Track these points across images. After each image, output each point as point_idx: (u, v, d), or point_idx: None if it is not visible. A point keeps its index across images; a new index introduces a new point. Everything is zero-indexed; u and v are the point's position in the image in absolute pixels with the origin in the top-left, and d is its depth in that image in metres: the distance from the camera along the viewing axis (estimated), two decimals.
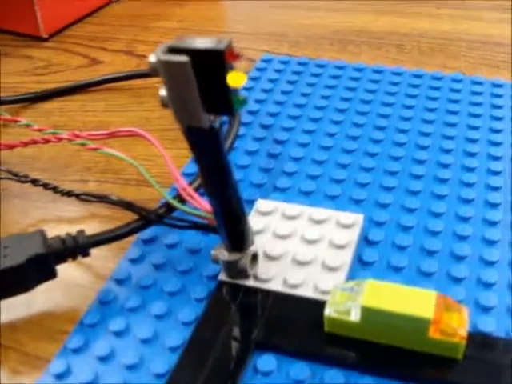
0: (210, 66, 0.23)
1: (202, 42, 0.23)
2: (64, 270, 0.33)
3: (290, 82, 0.50)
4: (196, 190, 0.35)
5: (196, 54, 0.23)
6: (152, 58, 0.24)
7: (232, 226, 0.30)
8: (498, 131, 0.43)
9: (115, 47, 0.61)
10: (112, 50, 0.61)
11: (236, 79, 0.23)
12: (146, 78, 0.53)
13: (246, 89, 0.50)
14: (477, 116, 0.45)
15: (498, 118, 0.45)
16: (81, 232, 0.33)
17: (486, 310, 0.31)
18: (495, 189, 0.38)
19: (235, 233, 0.30)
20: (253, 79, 0.51)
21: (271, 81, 0.51)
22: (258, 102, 0.48)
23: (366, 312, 0.28)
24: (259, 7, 0.69)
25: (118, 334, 0.31)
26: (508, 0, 0.65)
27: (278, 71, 0.52)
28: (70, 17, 0.66)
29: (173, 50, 0.23)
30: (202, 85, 0.23)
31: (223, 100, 0.24)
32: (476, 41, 0.58)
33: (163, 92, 0.24)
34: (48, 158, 0.45)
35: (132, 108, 0.51)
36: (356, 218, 0.35)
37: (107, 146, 0.38)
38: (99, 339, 0.31)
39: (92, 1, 0.69)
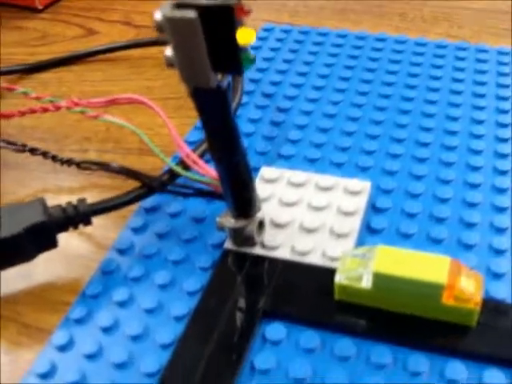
0: (219, 23, 0.22)
1: None
2: (64, 240, 0.33)
3: (292, 51, 0.49)
4: (200, 156, 0.34)
5: (204, 10, 0.22)
6: (157, 15, 0.23)
7: (239, 192, 0.29)
8: (505, 98, 0.42)
9: (112, 18, 0.60)
10: (109, 21, 0.60)
11: (245, 36, 0.23)
12: (145, 47, 0.52)
13: None
14: (483, 84, 0.44)
15: (505, 86, 0.44)
16: (82, 200, 0.32)
17: (497, 276, 0.30)
18: (504, 156, 0.37)
19: (242, 199, 0.29)
20: (254, 48, 0.50)
21: (273, 50, 0.50)
22: (260, 70, 0.47)
23: (378, 278, 0.27)
24: None
25: (122, 304, 0.30)
26: None
27: (279, 40, 0.51)
28: None
29: (180, 6, 0.22)
30: (211, 42, 0.23)
31: (232, 58, 0.23)
32: (480, 9, 0.57)
33: (169, 51, 0.24)
34: (47, 127, 0.44)
35: (131, 77, 0.50)
36: (363, 185, 0.34)
37: (107, 115, 0.37)
38: (102, 310, 0.30)
39: None
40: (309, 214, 0.33)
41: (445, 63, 0.47)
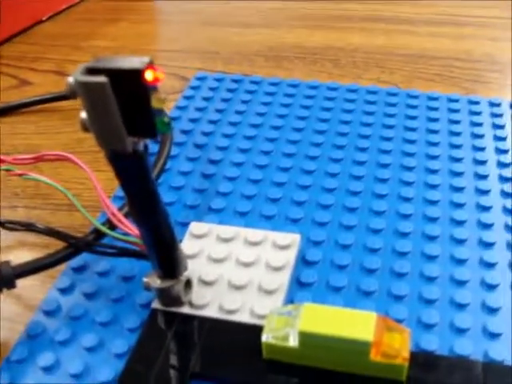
0: (129, 87, 0.22)
1: (122, 62, 0.22)
2: None
3: (225, 100, 0.49)
4: (127, 215, 0.34)
5: (115, 74, 0.22)
6: (70, 80, 0.22)
7: (163, 253, 0.28)
8: (434, 144, 0.43)
9: (45, 67, 0.60)
10: (42, 71, 0.59)
11: (159, 99, 0.22)
12: (76, 98, 0.51)
13: (180, 108, 0.49)
14: (413, 130, 0.45)
15: (434, 131, 0.44)
16: (5, 263, 0.31)
17: (428, 327, 0.30)
18: (433, 202, 0.38)
19: (166, 260, 0.29)
20: (187, 98, 0.50)
21: (205, 99, 0.50)
22: (192, 121, 0.47)
23: (305, 337, 0.27)
24: (192, 25, 0.68)
25: (47, 369, 0.29)
26: (442, 14, 0.66)
27: (212, 89, 0.51)
28: None
29: (91, 71, 0.22)
30: (124, 106, 0.22)
31: (146, 122, 0.23)
32: (411, 55, 0.58)
33: (84, 115, 0.23)
34: None
35: (63, 129, 0.49)
36: (293, 238, 0.34)
37: (36, 171, 0.37)
38: (27, 377, 0.29)
39: (21, 20, 0.67)
40: (237, 271, 0.32)
41: (376, 109, 0.47)
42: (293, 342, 0.27)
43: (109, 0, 0.76)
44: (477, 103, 0.48)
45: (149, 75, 0.22)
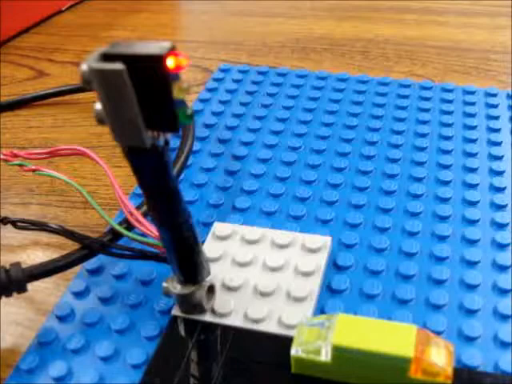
0: (149, 74, 0.20)
1: (140, 47, 0.20)
2: None
3: (249, 93, 0.47)
4: (145, 214, 0.32)
5: (133, 61, 0.19)
6: (84, 67, 0.20)
7: (184, 256, 0.26)
8: (472, 141, 0.40)
9: (63, 58, 0.58)
10: (60, 62, 0.57)
11: (181, 89, 0.20)
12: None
13: (202, 100, 0.47)
14: (449, 125, 0.42)
15: (472, 127, 0.42)
16: (15, 265, 0.29)
17: (470, 340, 0.28)
18: (473, 203, 0.35)
19: (188, 264, 0.26)
20: (210, 90, 0.48)
21: (229, 91, 0.48)
22: (215, 114, 0.45)
23: (338, 351, 0.24)
24: (214, 15, 0.66)
25: (59, 379, 0.28)
26: (473, 5, 0.63)
27: (236, 81, 0.49)
28: (16, 27, 0.63)
29: (107, 57, 0.20)
30: (142, 97, 0.20)
31: (167, 114, 0.20)
32: (443, 47, 0.55)
33: (98, 106, 0.21)
34: None
35: (81, 123, 0.48)
36: (323, 241, 0.32)
37: (50, 166, 0.35)
38: None
39: (39, 10, 0.66)
40: (263, 276, 0.30)
41: (409, 103, 0.45)
42: (325, 356, 0.25)
43: None
44: None
45: (170, 62, 0.20)
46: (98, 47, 0.20)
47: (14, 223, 0.32)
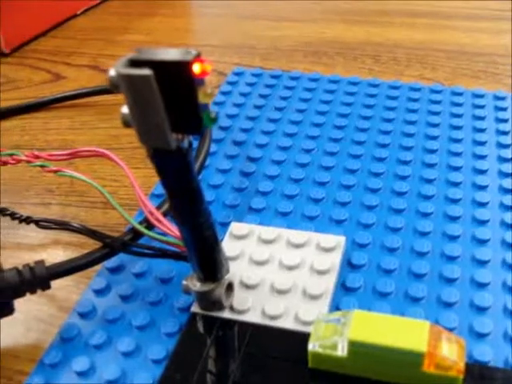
0: (176, 80, 0.21)
1: (166, 54, 0.21)
2: (22, 302, 0.31)
3: (263, 96, 0.48)
4: (165, 214, 0.33)
5: (160, 67, 0.20)
6: (112, 73, 0.21)
7: (204, 255, 0.27)
8: (482, 143, 0.41)
9: (80, 62, 0.59)
10: (76, 65, 0.58)
11: (206, 94, 0.21)
12: (112, 93, 0.50)
13: (217, 103, 0.47)
14: (458, 128, 0.43)
15: (481, 130, 0.43)
16: (39, 263, 0.30)
17: (481, 336, 0.29)
18: (482, 204, 0.36)
19: (208, 263, 0.27)
20: (224, 93, 0.49)
21: (243, 95, 0.48)
22: (230, 117, 0.46)
23: (354, 346, 0.25)
24: (227, 18, 0.67)
25: (82, 374, 0.28)
26: (478, 9, 0.64)
27: (250, 84, 0.50)
28: (33, 30, 0.64)
29: (135, 63, 0.21)
30: (169, 101, 0.21)
31: (192, 118, 0.21)
32: (452, 51, 0.56)
33: (125, 110, 0.22)
34: (8, 178, 0.42)
35: (99, 125, 0.48)
36: (338, 240, 0.33)
37: (70, 167, 0.35)
38: (61, 381, 0.28)
39: (56, 13, 0.67)
40: (280, 274, 0.31)
41: (420, 106, 0.45)
42: (341, 351, 0.26)
43: None
44: None
45: (196, 68, 0.20)
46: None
47: (37, 222, 0.33)
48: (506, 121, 0.44)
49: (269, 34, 0.61)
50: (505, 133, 0.42)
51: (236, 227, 0.34)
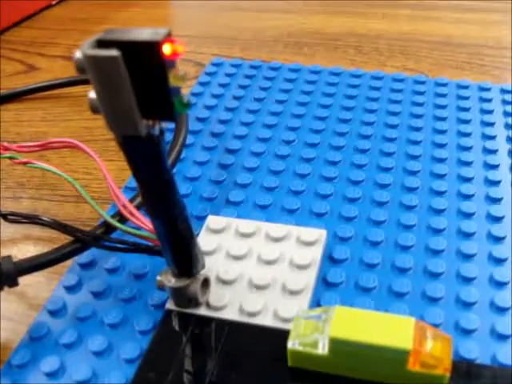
0: (145, 61, 0.19)
1: (136, 34, 0.19)
2: None
3: (242, 87, 0.47)
4: (139, 207, 0.31)
5: (128, 47, 0.19)
6: (78, 54, 0.20)
7: (179, 249, 0.26)
8: (466, 135, 0.40)
9: (54, 52, 0.57)
10: (50, 56, 0.57)
11: (177, 77, 0.20)
12: (86, 84, 0.49)
13: (195, 94, 0.46)
14: (443, 119, 0.42)
15: (466, 121, 0.42)
16: (6, 258, 0.29)
17: (467, 332, 0.28)
18: (468, 197, 0.35)
19: (183, 257, 0.26)
20: (202, 84, 0.48)
21: (222, 85, 0.47)
22: (208, 108, 0.45)
23: (336, 344, 0.24)
24: (207, 9, 0.65)
25: (51, 375, 0.27)
26: (466, 0, 0.63)
27: (229, 75, 0.49)
28: (5, 21, 0.62)
29: (102, 44, 0.19)
30: (138, 84, 0.20)
31: (163, 103, 0.20)
32: (436, 42, 0.55)
33: (93, 94, 0.21)
34: None
35: (72, 117, 0.47)
36: (319, 234, 0.32)
37: (42, 160, 0.34)
38: (29, 382, 0.27)
39: (30, 4, 0.65)
40: (258, 269, 0.30)
41: (403, 97, 0.44)
42: (322, 349, 0.25)
43: None
44: (510, 92, 0.45)
45: (167, 48, 0.19)
46: None
47: (4, 216, 0.32)
48: (491, 112, 0.43)
49: (250, 26, 0.60)
50: (490, 124, 0.41)
51: (213, 220, 0.33)
